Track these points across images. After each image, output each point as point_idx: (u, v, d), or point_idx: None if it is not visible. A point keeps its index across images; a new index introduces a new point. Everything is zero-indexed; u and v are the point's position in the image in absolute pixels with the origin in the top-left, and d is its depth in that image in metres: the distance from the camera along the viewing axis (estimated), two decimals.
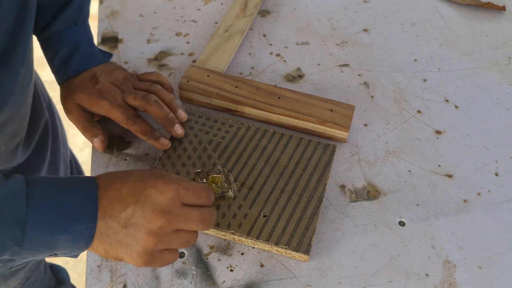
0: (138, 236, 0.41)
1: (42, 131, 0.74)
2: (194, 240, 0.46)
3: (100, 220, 0.41)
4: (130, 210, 0.41)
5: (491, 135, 0.65)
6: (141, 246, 0.42)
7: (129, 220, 0.41)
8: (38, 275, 0.87)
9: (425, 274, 0.52)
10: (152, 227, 0.42)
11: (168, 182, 0.43)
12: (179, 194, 0.43)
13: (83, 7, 0.63)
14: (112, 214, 0.41)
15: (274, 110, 0.63)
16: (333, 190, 0.58)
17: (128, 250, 0.42)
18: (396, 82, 0.72)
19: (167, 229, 0.42)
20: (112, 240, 0.42)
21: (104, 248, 0.42)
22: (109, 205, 0.41)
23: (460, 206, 0.57)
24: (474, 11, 0.85)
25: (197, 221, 0.44)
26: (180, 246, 0.45)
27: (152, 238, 0.42)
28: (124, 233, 0.41)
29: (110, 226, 0.41)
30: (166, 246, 0.43)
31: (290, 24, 0.81)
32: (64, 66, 0.62)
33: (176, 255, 0.46)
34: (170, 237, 0.43)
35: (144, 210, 0.41)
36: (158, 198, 0.42)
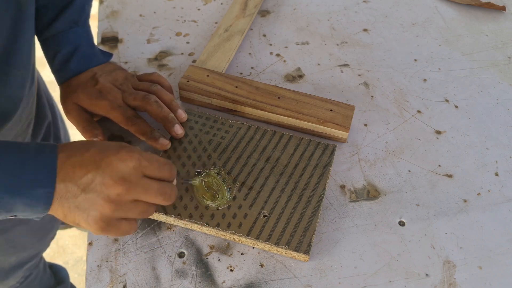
0: (95, 202, 0.42)
1: (45, 132, 0.74)
2: (151, 212, 0.46)
3: (60, 184, 0.41)
4: (90, 175, 0.42)
5: (491, 135, 0.65)
6: (98, 211, 0.42)
7: (89, 185, 0.42)
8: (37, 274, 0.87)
9: (425, 274, 0.52)
10: (110, 193, 0.42)
11: (131, 151, 0.44)
12: (141, 164, 0.43)
13: (84, 7, 0.63)
14: (73, 178, 0.42)
15: (274, 110, 0.63)
16: (333, 190, 0.58)
17: (85, 214, 0.42)
18: (396, 82, 0.72)
19: (125, 197, 0.43)
20: (71, 204, 0.42)
21: (63, 211, 0.43)
22: (71, 169, 0.42)
23: (460, 206, 0.57)
24: (474, 11, 0.85)
25: (156, 193, 0.44)
26: (137, 216, 0.45)
27: (109, 205, 0.42)
28: (83, 197, 0.42)
29: (70, 190, 0.42)
30: (123, 214, 0.44)
31: (290, 24, 0.81)
32: (64, 66, 0.62)
33: (134, 226, 0.46)
34: (127, 206, 0.43)
35: (104, 177, 0.42)
36: (119, 165, 0.42)
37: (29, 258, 0.81)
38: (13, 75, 0.53)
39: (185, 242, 0.53)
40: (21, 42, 0.53)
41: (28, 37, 0.55)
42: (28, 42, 0.55)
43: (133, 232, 0.46)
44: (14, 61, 0.52)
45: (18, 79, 0.54)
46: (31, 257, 0.81)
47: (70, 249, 1.48)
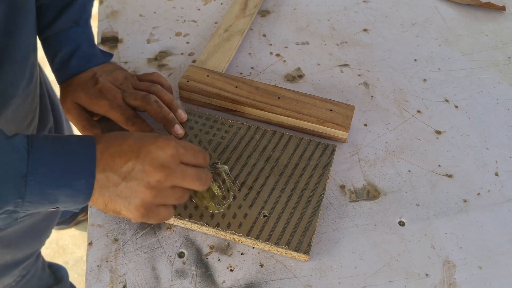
0: (137, 189, 0.43)
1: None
2: (186, 197, 0.47)
3: (101, 174, 0.43)
4: (130, 164, 0.43)
5: (491, 135, 0.65)
6: (139, 198, 0.43)
7: (129, 173, 0.43)
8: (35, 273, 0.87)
9: (425, 274, 0.52)
10: (150, 180, 0.43)
11: (168, 139, 0.45)
12: (178, 151, 0.45)
13: (85, 7, 0.63)
14: (113, 168, 0.43)
15: (274, 110, 0.63)
16: (333, 190, 0.58)
17: (127, 202, 0.44)
18: (396, 82, 0.72)
19: (164, 184, 0.44)
20: (112, 192, 0.43)
21: (103, 200, 0.44)
22: (111, 159, 0.43)
23: (460, 206, 0.57)
24: (474, 11, 0.85)
25: (193, 178, 0.46)
26: (175, 202, 0.46)
27: (150, 191, 0.43)
28: (124, 186, 0.43)
29: (111, 179, 0.43)
30: (163, 200, 0.45)
31: (290, 24, 0.81)
32: (64, 66, 0.62)
33: (172, 212, 0.47)
34: (166, 192, 0.45)
35: (144, 164, 0.43)
36: (157, 153, 0.44)
37: (25, 257, 0.81)
38: (4, 71, 0.53)
39: (185, 242, 0.53)
40: (15, 38, 0.53)
41: (25, 34, 0.54)
42: (24, 40, 0.55)
43: (171, 217, 0.48)
44: (5, 56, 0.52)
45: (10, 75, 0.54)
46: (27, 256, 0.81)
47: (70, 249, 1.48)
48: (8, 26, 0.51)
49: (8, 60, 0.53)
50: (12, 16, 0.51)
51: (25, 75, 0.58)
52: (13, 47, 0.53)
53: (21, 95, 0.58)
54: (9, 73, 0.54)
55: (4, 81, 0.53)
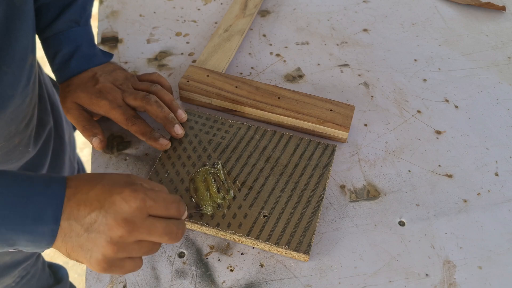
0: (98, 243, 0.41)
1: (46, 136, 0.74)
2: (155, 249, 0.44)
3: (65, 221, 0.40)
4: (94, 215, 0.41)
5: (491, 135, 0.65)
6: (100, 253, 0.41)
7: (92, 225, 0.41)
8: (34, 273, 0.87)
9: (425, 274, 0.52)
10: (112, 235, 0.41)
11: (135, 191, 0.42)
12: (145, 204, 0.42)
13: (85, 7, 0.63)
14: (77, 217, 0.41)
15: (274, 110, 0.63)
16: (333, 190, 0.58)
17: (88, 255, 0.41)
18: (396, 82, 0.72)
19: (128, 239, 0.41)
20: (74, 242, 0.41)
21: (66, 249, 0.42)
22: (76, 207, 0.41)
23: (460, 206, 0.57)
24: (474, 11, 0.85)
25: (162, 233, 0.43)
26: (142, 255, 0.44)
27: (112, 246, 0.41)
28: (86, 237, 0.41)
29: (73, 229, 0.41)
30: (127, 255, 0.42)
31: (290, 24, 0.81)
32: (64, 66, 0.62)
33: (139, 263, 0.44)
34: (131, 247, 0.42)
35: (107, 217, 0.41)
36: (122, 206, 0.41)
37: (25, 257, 0.81)
38: (2, 72, 0.53)
39: (185, 242, 0.53)
40: (13, 39, 0.53)
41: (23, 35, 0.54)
42: (22, 40, 0.55)
43: (138, 269, 0.45)
44: (4, 57, 0.52)
45: (9, 77, 0.54)
46: (27, 256, 0.81)
47: None
48: (6, 27, 0.51)
49: (6, 61, 0.53)
50: (10, 17, 0.51)
51: (23, 76, 0.57)
52: (11, 47, 0.53)
53: (19, 96, 0.58)
54: (7, 74, 0.53)
55: (2, 82, 0.53)
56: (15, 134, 0.62)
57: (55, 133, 0.79)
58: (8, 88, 0.55)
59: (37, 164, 0.72)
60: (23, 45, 0.55)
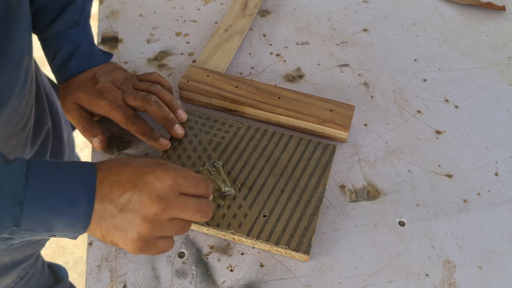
0: (133, 222, 0.41)
1: (44, 136, 0.74)
2: (187, 229, 0.46)
3: (99, 204, 0.41)
4: (127, 195, 0.41)
5: (491, 135, 0.65)
6: (135, 232, 0.42)
7: (126, 205, 0.41)
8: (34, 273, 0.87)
9: (425, 274, 0.52)
10: (147, 213, 0.41)
11: (167, 169, 0.43)
12: (177, 182, 0.43)
13: (85, 7, 0.63)
14: (111, 198, 0.41)
15: (274, 110, 0.63)
16: (333, 190, 0.58)
17: (123, 235, 0.42)
18: (396, 82, 0.72)
19: (162, 216, 0.42)
20: (109, 224, 0.42)
21: (101, 231, 0.42)
22: (108, 189, 0.42)
23: (460, 206, 0.57)
24: (474, 11, 0.85)
25: (193, 210, 0.44)
26: (174, 234, 0.44)
27: (147, 224, 0.42)
28: (121, 217, 0.41)
29: (108, 210, 0.41)
30: (161, 233, 0.43)
31: (290, 24, 0.81)
32: (64, 66, 0.62)
33: (171, 243, 0.45)
34: (164, 225, 0.43)
35: (141, 196, 0.41)
36: (155, 184, 0.42)
37: (24, 258, 0.81)
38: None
39: (185, 242, 0.53)
40: (9, 40, 0.53)
41: (19, 36, 0.54)
42: (18, 41, 0.55)
43: (171, 249, 0.46)
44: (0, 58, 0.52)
45: (5, 78, 0.54)
46: (26, 257, 0.81)
47: (70, 249, 1.48)
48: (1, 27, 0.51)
49: (2, 62, 0.53)
50: (5, 18, 0.51)
51: (20, 77, 0.57)
52: (7, 48, 0.53)
53: (16, 97, 0.58)
54: (3, 75, 0.53)
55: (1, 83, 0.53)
56: (12, 135, 0.62)
57: (53, 134, 0.79)
58: (5, 89, 0.55)
59: None
60: (19, 46, 0.55)
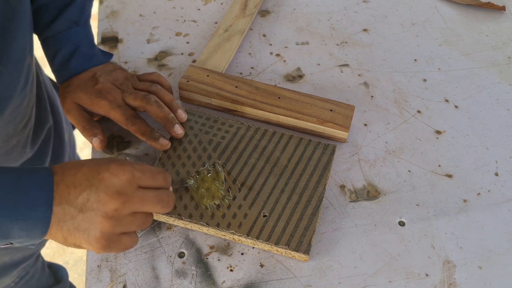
0: (94, 220, 0.41)
1: (45, 136, 0.74)
2: (149, 222, 0.45)
3: (57, 206, 0.41)
4: (85, 194, 0.41)
5: (491, 135, 0.65)
6: (98, 230, 0.42)
7: (85, 204, 0.41)
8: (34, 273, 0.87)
9: (425, 274, 0.52)
10: (107, 210, 0.41)
11: (122, 165, 0.43)
12: (134, 176, 0.43)
13: (85, 7, 0.63)
14: (69, 200, 0.41)
15: (274, 110, 0.63)
16: (333, 190, 0.58)
17: (86, 235, 0.42)
18: (396, 82, 0.72)
19: (123, 212, 0.42)
20: (70, 226, 0.41)
21: (62, 234, 0.42)
22: (66, 190, 0.41)
23: (460, 206, 0.57)
24: (474, 11, 0.85)
25: (153, 202, 0.44)
26: (137, 228, 0.44)
27: (109, 221, 0.41)
28: (81, 217, 0.41)
29: (67, 212, 0.41)
30: (124, 229, 0.43)
31: (290, 24, 0.81)
32: (64, 66, 0.62)
33: (135, 238, 0.45)
34: (126, 220, 0.43)
35: (99, 193, 0.41)
36: (112, 180, 0.42)
37: (24, 258, 0.81)
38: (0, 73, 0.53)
39: (185, 242, 0.53)
40: (9, 40, 0.53)
41: (20, 36, 0.54)
42: (19, 41, 0.55)
43: (135, 245, 0.46)
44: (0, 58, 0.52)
45: (5, 77, 0.54)
46: (26, 257, 0.81)
47: (70, 249, 1.48)
48: (2, 27, 0.51)
49: (3, 62, 0.53)
50: (6, 18, 0.51)
51: (21, 76, 0.57)
52: (7, 48, 0.53)
53: (18, 97, 0.58)
54: (3, 74, 0.53)
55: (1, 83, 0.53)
56: (13, 135, 0.62)
57: (54, 133, 0.79)
58: (6, 88, 0.55)
59: (37, 164, 0.72)
60: (20, 45, 0.55)
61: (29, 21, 0.56)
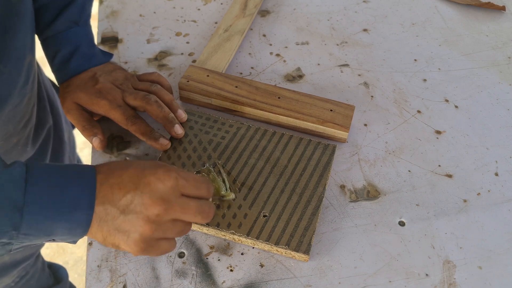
0: (135, 223, 0.41)
1: (45, 136, 0.74)
2: (187, 230, 0.46)
3: (99, 206, 0.41)
4: (129, 196, 0.41)
5: (491, 135, 0.65)
6: (138, 233, 0.42)
7: (128, 206, 0.41)
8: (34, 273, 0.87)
9: (425, 274, 0.52)
10: (149, 214, 0.41)
11: (169, 171, 0.43)
12: (178, 183, 0.43)
13: (85, 7, 0.63)
14: (112, 200, 0.41)
15: (274, 110, 0.63)
16: (333, 190, 0.58)
17: (125, 236, 0.42)
18: (396, 82, 0.72)
19: (164, 218, 0.42)
20: (111, 226, 0.42)
21: (102, 234, 0.42)
22: (109, 191, 0.42)
23: (460, 206, 0.57)
24: (474, 11, 0.85)
25: (195, 212, 0.44)
26: (176, 235, 0.44)
27: (149, 225, 0.42)
28: (122, 219, 0.41)
29: (109, 212, 0.41)
30: (163, 234, 0.43)
31: (290, 24, 0.81)
32: (64, 66, 0.62)
33: (173, 244, 0.45)
34: (166, 226, 0.43)
35: (143, 197, 0.41)
36: (157, 185, 0.42)
37: (24, 258, 0.81)
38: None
39: (185, 242, 0.53)
40: (10, 38, 0.53)
41: (21, 35, 0.54)
42: (20, 40, 0.55)
43: (173, 249, 0.46)
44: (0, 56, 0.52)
45: (5, 76, 0.54)
46: (26, 257, 0.81)
47: (70, 249, 1.48)
48: (3, 26, 0.51)
49: (3, 60, 0.53)
50: (7, 16, 0.51)
51: (21, 75, 0.57)
52: (8, 46, 0.53)
53: (17, 95, 0.58)
54: (3, 73, 0.53)
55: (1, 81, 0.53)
56: (13, 133, 0.62)
57: (54, 133, 0.79)
58: (5, 87, 0.55)
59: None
60: (20, 44, 0.55)
61: (31, 20, 0.56)
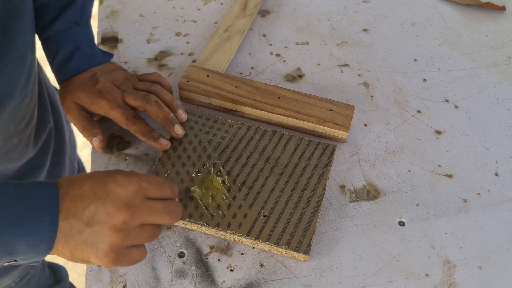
0: (102, 234, 0.40)
1: (46, 136, 0.74)
2: (157, 234, 0.44)
3: (63, 221, 0.40)
4: (92, 207, 0.40)
5: (491, 135, 0.65)
6: (106, 243, 0.40)
7: (92, 217, 0.40)
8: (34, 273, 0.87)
9: (425, 274, 0.52)
10: (115, 222, 0.40)
11: (129, 175, 0.42)
12: (141, 186, 0.42)
13: (85, 7, 0.63)
14: (75, 213, 0.40)
15: (274, 110, 0.63)
16: (333, 190, 0.58)
17: (94, 249, 0.41)
18: (396, 82, 0.72)
19: (131, 224, 0.41)
20: (77, 240, 0.40)
21: (69, 250, 0.41)
22: (72, 204, 0.40)
23: (460, 206, 0.57)
24: (474, 11, 0.85)
25: (162, 213, 0.43)
26: (146, 241, 0.43)
27: (117, 234, 0.40)
28: (89, 231, 0.40)
29: (74, 226, 0.40)
30: (133, 241, 0.42)
31: (290, 24, 0.81)
32: (64, 66, 0.62)
33: (144, 251, 0.44)
34: (135, 232, 0.42)
35: (106, 206, 0.40)
36: (119, 191, 0.41)
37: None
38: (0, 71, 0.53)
39: (185, 242, 0.53)
40: (11, 38, 0.52)
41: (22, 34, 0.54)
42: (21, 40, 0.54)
43: (144, 257, 0.45)
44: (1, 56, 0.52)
45: (5, 76, 0.54)
46: None
47: None
48: (3, 25, 0.51)
49: (3, 60, 0.53)
50: (8, 16, 0.51)
51: (22, 75, 0.57)
52: (9, 47, 0.53)
53: (18, 95, 0.58)
54: (4, 73, 0.53)
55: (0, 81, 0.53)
56: (14, 134, 0.62)
57: (55, 133, 0.79)
58: (6, 87, 0.55)
59: (38, 164, 0.72)
60: (21, 44, 0.55)
61: (31, 20, 0.56)
